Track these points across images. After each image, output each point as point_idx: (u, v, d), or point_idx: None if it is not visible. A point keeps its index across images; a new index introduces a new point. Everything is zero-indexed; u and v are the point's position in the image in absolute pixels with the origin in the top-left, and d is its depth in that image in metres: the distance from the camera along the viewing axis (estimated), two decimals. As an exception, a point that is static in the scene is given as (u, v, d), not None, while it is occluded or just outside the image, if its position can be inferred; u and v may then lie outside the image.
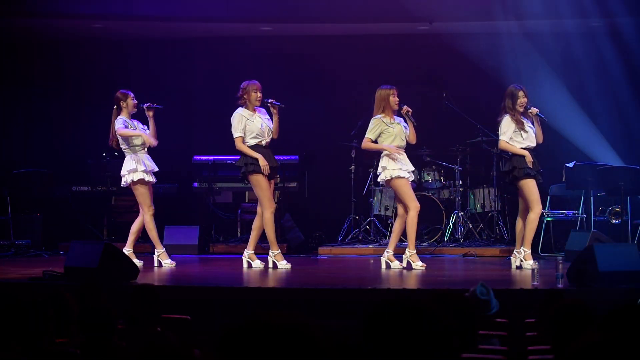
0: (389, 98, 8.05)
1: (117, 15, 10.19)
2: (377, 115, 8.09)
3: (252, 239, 8.30)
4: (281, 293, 6.68)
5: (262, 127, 8.13)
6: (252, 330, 1.81)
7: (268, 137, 8.19)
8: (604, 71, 10.56)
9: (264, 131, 8.15)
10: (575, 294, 6.08)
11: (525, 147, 8.03)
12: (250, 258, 8.31)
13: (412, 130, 8.14)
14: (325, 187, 10.93)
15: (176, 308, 5.31)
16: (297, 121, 11.03)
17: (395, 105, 8.06)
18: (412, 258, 8.08)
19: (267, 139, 8.17)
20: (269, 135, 8.19)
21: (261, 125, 8.13)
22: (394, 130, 8.05)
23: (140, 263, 8.00)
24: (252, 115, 8.14)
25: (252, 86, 8.15)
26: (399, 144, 8.08)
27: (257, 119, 8.14)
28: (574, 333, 3.25)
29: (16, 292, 6.68)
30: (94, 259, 6.80)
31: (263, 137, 8.15)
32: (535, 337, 4.44)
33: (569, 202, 10.22)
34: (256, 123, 8.12)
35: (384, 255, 8.24)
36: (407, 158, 8.14)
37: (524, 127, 8.04)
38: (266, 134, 8.16)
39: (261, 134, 8.14)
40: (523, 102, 8.05)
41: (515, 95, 8.05)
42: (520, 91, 8.07)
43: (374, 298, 6.15)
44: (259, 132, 8.12)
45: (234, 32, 10.94)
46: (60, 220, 10.51)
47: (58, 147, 11.07)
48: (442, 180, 10.63)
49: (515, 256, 8.12)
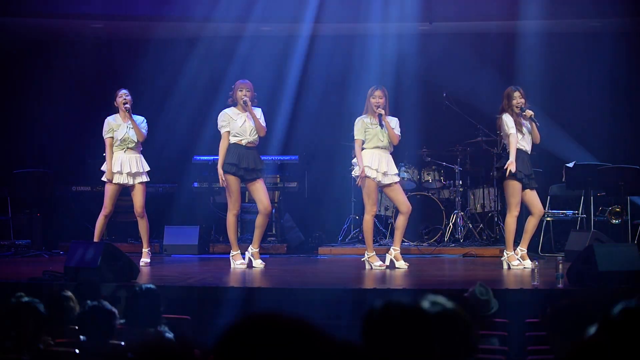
0: (369, 98, 8.09)
1: (117, 16, 10.19)
2: (362, 115, 8.16)
3: (256, 237, 8.27)
4: (281, 293, 6.68)
5: (241, 126, 8.10)
6: (252, 330, 1.81)
7: (251, 137, 8.14)
8: (605, 71, 10.57)
9: (244, 130, 8.10)
10: (575, 294, 6.08)
11: (521, 148, 8.03)
12: (254, 256, 8.28)
13: (390, 131, 8.05)
14: (325, 187, 10.93)
15: (176, 308, 5.31)
16: (297, 121, 11.07)
17: (374, 107, 8.04)
18: (371, 259, 8.17)
19: (248, 138, 8.12)
20: (252, 134, 8.14)
21: (241, 124, 8.11)
22: (373, 131, 8.08)
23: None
24: (238, 114, 8.14)
25: (239, 85, 8.17)
26: (377, 145, 8.09)
27: (241, 118, 8.13)
28: (573, 333, 3.25)
29: (16, 292, 6.70)
30: (94, 259, 6.80)
31: (243, 136, 8.11)
32: (535, 337, 4.44)
33: (569, 202, 10.22)
34: (238, 122, 8.12)
35: (390, 253, 8.25)
36: (385, 159, 8.08)
37: (521, 129, 8.05)
38: (248, 133, 8.11)
39: (241, 133, 8.11)
40: (520, 103, 8.04)
41: (511, 95, 8.07)
42: (516, 92, 8.08)
43: (374, 298, 6.15)
44: (238, 130, 8.11)
45: (234, 32, 10.93)
46: (60, 220, 10.50)
47: (58, 147, 11.07)
48: (442, 180, 10.63)
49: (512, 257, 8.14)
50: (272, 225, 10.47)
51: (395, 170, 8.19)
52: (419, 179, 10.57)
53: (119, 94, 8.58)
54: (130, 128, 8.51)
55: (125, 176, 8.48)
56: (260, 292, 6.70)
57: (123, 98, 8.55)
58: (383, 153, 8.10)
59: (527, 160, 8.05)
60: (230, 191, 8.15)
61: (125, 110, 8.51)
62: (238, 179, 8.13)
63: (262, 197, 8.17)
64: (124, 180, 8.48)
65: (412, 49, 10.85)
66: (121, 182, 8.48)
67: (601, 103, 10.65)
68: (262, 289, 6.79)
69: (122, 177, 8.47)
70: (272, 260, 9.50)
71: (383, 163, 8.07)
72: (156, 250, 10.02)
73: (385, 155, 8.12)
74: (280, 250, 10.15)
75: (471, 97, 10.36)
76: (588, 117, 10.59)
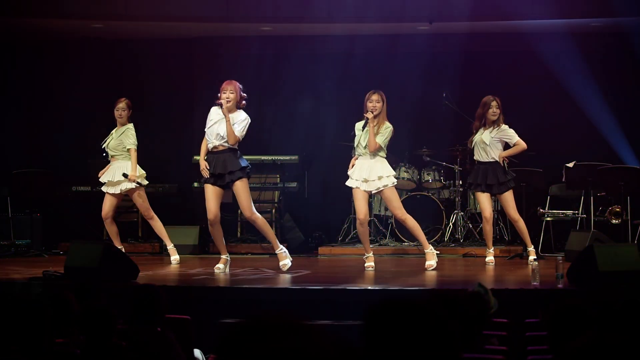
0: (366, 102, 8.04)
1: (117, 15, 10.19)
2: None
3: (271, 238, 8.01)
4: (281, 293, 6.68)
5: (210, 128, 7.68)
6: (252, 330, 1.81)
7: (217, 141, 7.64)
8: (604, 70, 10.57)
9: (211, 132, 7.68)
10: (575, 294, 6.08)
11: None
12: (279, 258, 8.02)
13: (370, 137, 7.92)
14: (325, 187, 10.93)
15: (176, 308, 5.31)
16: (297, 121, 11.07)
17: (369, 110, 7.97)
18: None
19: (214, 142, 7.65)
20: (217, 138, 7.65)
21: (210, 126, 7.69)
22: (358, 136, 8.08)
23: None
24: (218, 115, 7.68)
25: (222, 85, 7.72)
26: (359, 152, 8.09)
27: (218, 121, 7.65)
28: (572, 333, 3.25)
29: (16, 292, 6.71)
30: (94, 259, 6.80)
31: (210, 139, 7.69)
32: (535, 337, 4.44)
33: (569, 202, 10.22)
34: (210, 123, 7.70)
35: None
36: (367, 165, 8.01)
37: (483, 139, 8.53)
38: (213, 136, 7.66)
39: (209, 136, 7.71)
40: (496, 112, 8.43)
41: (487, 104, 8.47)
42: (493, 101, 8.47)
43: (374, 298, 6.15)
44: (207, 133, 7.73)
45: (234, 32, 10.93)
46: (60, 220, 10.50)
47: (58, 147, 11.07)
48: (442, 180, 10.63)
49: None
50: (272, 225, 10.47)
51: (377, 175, 7.96)
52: (419, 179, 10.57)
53: (116, 107, 8.78)
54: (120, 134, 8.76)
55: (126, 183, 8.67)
56: (260, 292, 6.70)
57: (119, 113, 8.76)
58: (364, 160, 8.05)
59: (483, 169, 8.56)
60: (205, 198, 7.78)
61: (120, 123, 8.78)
62: (213, 187, 7.73)
63: (241, 202, 7.75)
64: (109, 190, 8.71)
65: (412, 48, 10.85)
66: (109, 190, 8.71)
67: (602, 103, 10.65)
68: (262, 289, 6.79)
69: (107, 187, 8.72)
70: (272, 260, 9.51)
71: (364, 170, 8.00)
72: (156, 250, 10.03)
73: (367, 162, 8.01)
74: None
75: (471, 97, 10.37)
76: (588, 116, 10.59)
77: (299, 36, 11.06)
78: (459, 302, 3.63)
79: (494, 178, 8.47)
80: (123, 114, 8.74)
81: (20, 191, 10.19)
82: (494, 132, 8.45)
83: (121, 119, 8.74)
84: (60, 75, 11.15)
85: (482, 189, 8.59)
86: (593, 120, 10.56)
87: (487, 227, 8.67)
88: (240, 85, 7.79)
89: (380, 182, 7.97)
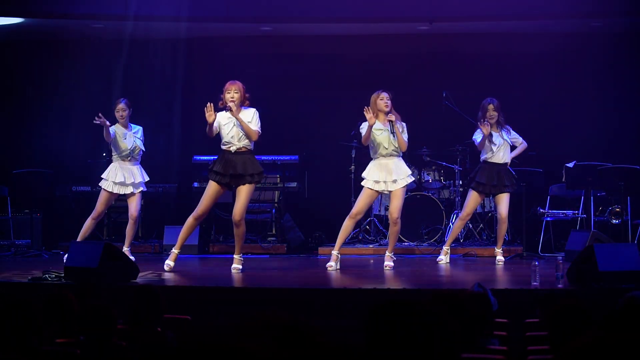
0: (377, 102, 8.06)
1: (117, 15, 10.18)
2: (365, 122, 8.12)
3: (238, 244, 7.90)
4: (281, 293, 6.68)
5: (228, 133, 7.68)
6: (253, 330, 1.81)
7: (240, 143, 7.68)
8: (604, 70, 10.58)
9: (232, 137, 7.68)
10: (575, 294, 6.08)
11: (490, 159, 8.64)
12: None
13: (400, 138, 8.07)
14: (325, 187, 10.93)
15: (176, 308, 5.31)
16: (297, 121, 11.07)
17: (384, 107, 8.03)
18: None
19: (237, 144, 7.68)
20: (241, 140, 7.68)
21: (228, 131, 7.68)
22: (379, 138, 8.08)
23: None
24: (228, 119, 7.69)
25: (226, 87, 7.72)
26: (381, 152, 8.10)
27: (230, 123, 7.68)
28: (572, 333, 3.25)
29: (16, 292, 6.71)
30: (94, 259, 6.79)
31: (232, 143, 7.69)
32: (535, 337, 4.44)
33: (569, 202, 10.22)
34: (225, 129, 7.70)
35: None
36: (388, 166, 8.11)
37: (492, 140, 8.61)
38: (236, 139, 7.67)
39: (229, 141, 7.70)
40: (493, 115, 8.57)
41: (484, 108, 8.61)
42: (490, 104, 8.61)
43: (374, 298, 6.15)
44: (226, 139, 7.71)
45: (234, 32, 10.93)
46: (60, 220, 10.50)
47: (58, 147, 11.07)
48: (442, 180, 10.64)
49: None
50: (272, 225, 10.48)
51: (405, 173, 8.17)
52: (419, 179, 10.57)
53: (116, 108, 8.80)
54: (137, 138, 8.80)
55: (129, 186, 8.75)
56: (260, 292, 6.70)
57: (120, 114, 8.77)
58: (388, 160, 8.14)
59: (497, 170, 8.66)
60: (205, 193, 7.83)
61: (122, 124, 8.78)
62: (219, 186, 7.75)
63: (239, 204, 7.71)
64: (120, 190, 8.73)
65: (412, 49, 10.85)
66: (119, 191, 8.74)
67: (602, 103, 10.66)
68: (262, 289, 6.79)
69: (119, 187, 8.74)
70: (272, 260, 9.51)
71: (392, 170, 8.10)
72: (156, 250, 10.03)
73: (393, 161, 8.16)
74: (280, 250, 10.16)
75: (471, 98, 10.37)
76: (588, 116, 10.59)
77: (298, 36, 11.06)
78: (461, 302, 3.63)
79: (502, 180, 8.59)
80: (124, 114, 8.75)
81: (20, 191, 10.20)
82: (507, 135, 8.68)
83: (122, 120, 8.74)
84: (60, 75, 11.15)
85: (482, 189, 8.62)
86: (593, 120, 10.57)
87: (459, 223, 8.98)
88: (243, 85, 7.82)
89: (408, 179, 8.22)
